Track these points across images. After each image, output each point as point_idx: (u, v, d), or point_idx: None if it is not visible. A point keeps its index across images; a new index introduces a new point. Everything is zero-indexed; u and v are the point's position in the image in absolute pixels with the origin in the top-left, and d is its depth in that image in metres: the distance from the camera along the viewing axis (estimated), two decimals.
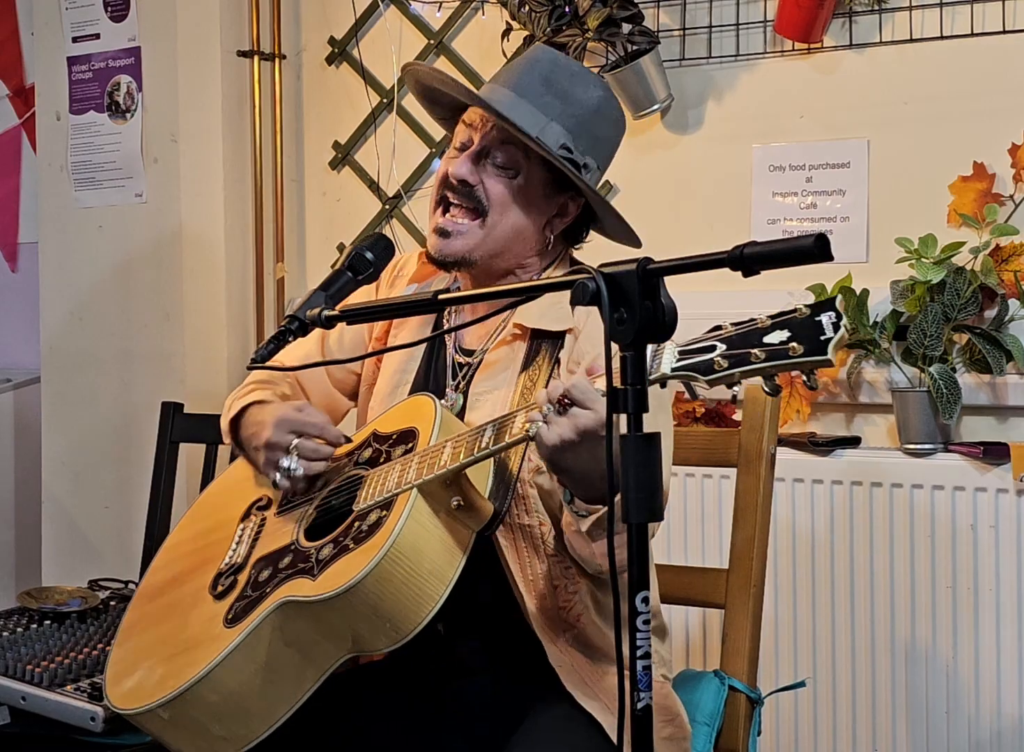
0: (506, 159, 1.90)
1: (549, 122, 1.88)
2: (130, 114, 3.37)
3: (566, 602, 1.83)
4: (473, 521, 1.74)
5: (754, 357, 1.40)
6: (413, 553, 1.67)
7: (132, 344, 3.36)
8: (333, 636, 1.71)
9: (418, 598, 1.67)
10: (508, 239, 1.92)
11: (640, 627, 1.33)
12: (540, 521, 1.83)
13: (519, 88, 1.90)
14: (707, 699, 2.01)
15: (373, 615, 1.67)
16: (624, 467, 1.33)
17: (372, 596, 1.66)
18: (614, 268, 1.38)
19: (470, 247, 1.91)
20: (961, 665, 2.59)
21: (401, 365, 2.01)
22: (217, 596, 1.86)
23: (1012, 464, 2.53)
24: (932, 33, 2.70)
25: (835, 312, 1.36)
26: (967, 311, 2.58)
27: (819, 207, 2.84)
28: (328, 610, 1.68)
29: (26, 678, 2.03)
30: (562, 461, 1.63)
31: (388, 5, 3.32)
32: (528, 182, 1.91)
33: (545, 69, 1.91)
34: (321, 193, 3.47)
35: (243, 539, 1.95)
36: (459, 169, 1.91)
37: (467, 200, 1.91)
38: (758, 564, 2.07)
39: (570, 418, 1.59)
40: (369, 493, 1.80)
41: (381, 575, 1.65)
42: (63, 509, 3.47)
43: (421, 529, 1.69)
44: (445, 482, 1.73)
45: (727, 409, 2.81)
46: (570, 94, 1.90)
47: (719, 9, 2.91)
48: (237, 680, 1.73)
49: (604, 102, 1.94)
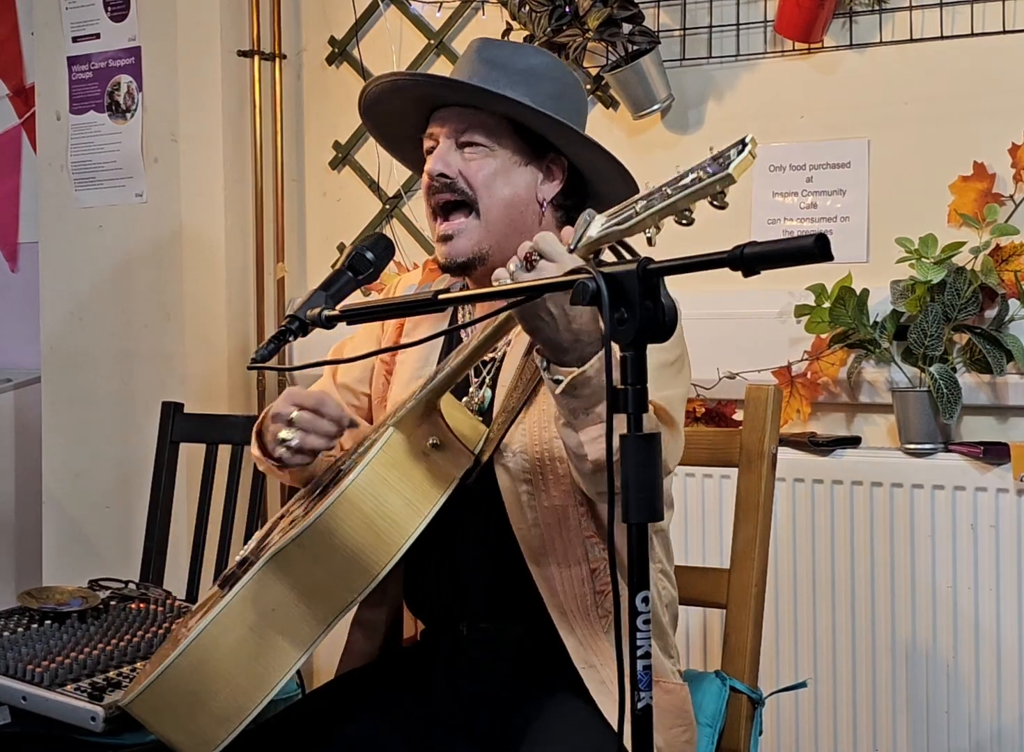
0: (472, 135, 1.89)
1: (502, 90, 1.87)
2: (130, 114, 3.37)
3: (604, 585, 1.83)
4: (452, 464, 1.74)
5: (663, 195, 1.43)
6: (382, 485, 1.67)
7: (132, 344, 3.36)
8: (317, 590, 1.68)
9: (389, 530, 1.66)
10: (506, 217, 1.91)
11: (640, 627, 1.33)
12: (578, 501, 1.82)
13: (465, 75, 1.91)
14: (709, 700, 2.01)
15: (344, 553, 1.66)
16: (624, 467, 1.33)
17: (341, 527, 1.65)
18: (614, 268, 1.38)
19: (476, 241, 1.90)
20: (961, 665, 2.59)
21: (415, 372, 2.00)
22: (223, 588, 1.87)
23: (1012, 464, 2.53)
24: (932, 33, 2.70)
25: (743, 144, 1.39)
26: (967, 311, 2.58)
27: (819, 207, 2.84)
28: (303, 555, 1.67)
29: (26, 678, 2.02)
30: (532, 318, 1.61)
31: (388, 5, 3.33)
32: (504, 155, 1.90)
33: (484, 52, 1.93)
34: (321, 193, 3.48)
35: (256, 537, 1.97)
36: (434, 165, 1.90)
37: (452, 193, 1.90)
38: (759, 564, 2.07)
39: (537, 272, 1.58)
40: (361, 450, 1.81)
41: (348, 504, 1.65)
42: (63, 509, 3.47)
43: (392, 462, 1.69)
44: (419, 420, 1.73)
45: (728, 409, 2.81)
46: (513, 65, 1.90)
47: (719, 9, 2.91)
48: (224, 647, 1.71)
49: (550, 65, 1.94)
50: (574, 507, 1.82)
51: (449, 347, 2.00)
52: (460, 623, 1.91)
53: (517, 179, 1.91)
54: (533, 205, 1.93)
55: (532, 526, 1.82)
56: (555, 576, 1.81)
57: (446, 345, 2.01)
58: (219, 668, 1.71)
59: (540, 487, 1.82)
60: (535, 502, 1.82)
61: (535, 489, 1.82)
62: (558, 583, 1.82)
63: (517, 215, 1.92)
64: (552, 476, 1.81)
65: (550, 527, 1.82)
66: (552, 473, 1.81)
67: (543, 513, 1.82)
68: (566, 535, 1.82)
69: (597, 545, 1.82)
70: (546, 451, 1.82)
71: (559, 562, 1.81)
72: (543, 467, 1.82)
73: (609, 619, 1.83)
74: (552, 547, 1.82)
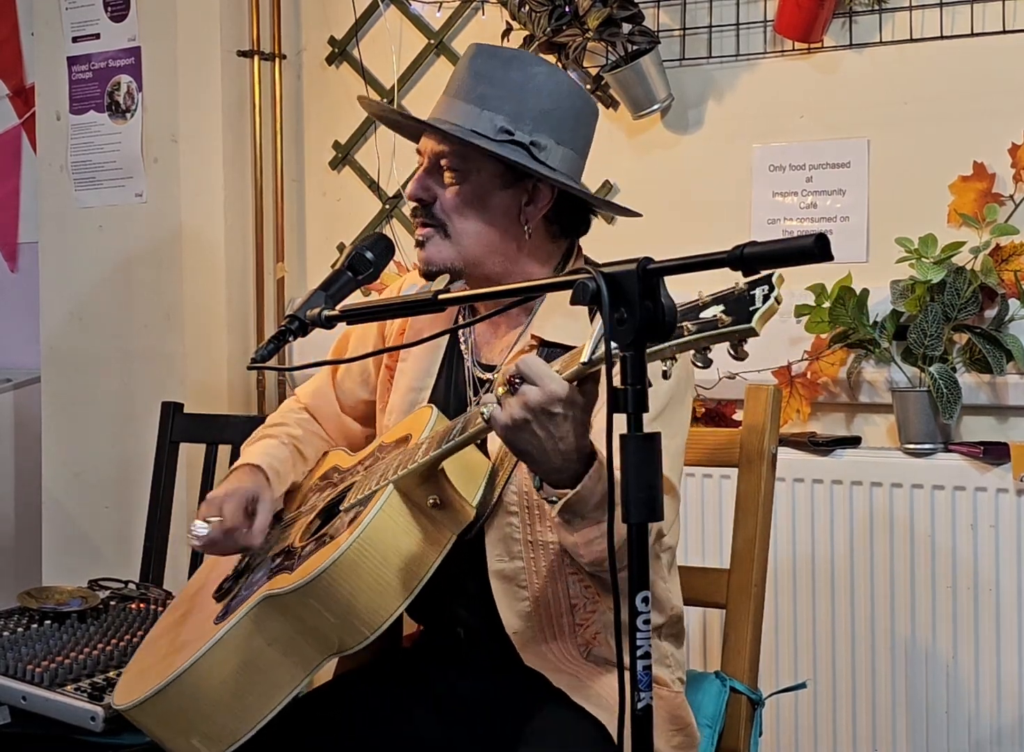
0: (450, 163, 1.88)
1: (482, 112, 1.85)
2: (130, 114, 3.37)
3: (584, 620, 1.83)
4: (451, 522, 1.74)
5: (685, 331, 1.40)
6: (382, 546, 1.68)
7: (132, 344, 3.36)
8: (311, 635, 1.71)
9: (386, 591, 1.68)
10: (478, 242, 1.89)
11: (640, 627, 1.33)
12: None
13: (456, 91, 1.90)
14: (708, 701, 2.01)
15: (339, 608, 1.68)
16: (624, 467, 1.33)
17: (340, 586, 1.67)
18: (614, 268, 1.37)
19: (445, 257, 1.89)
20: (961, 665, 2.59)
21: (415, 383, 1.99)
22: (218, 598, 1.89)
23: (1012, 464, 2.53)
24: (932, 33, 2.70)
25: (769, 285, 1.36)
26: (967, 311, 2.58)
27: (819, 207, 2.84)
28: (301, 604, 1.69)
29: (26, 678, 2.03)
30: (518, 442, 1.59)
31: (388, 5, 3.32)
32: (480, 180, 1.87)
33: (477, 63, 1.89)
34: (321, 193, 3.47)
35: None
36: (412, 190, 1.91)
37: (428, 218, 1.90)
38: (759, 564, 2.07)
39: (519, 396, 1.56)
40: (356, 493, 1.82)
41: (347, 565, 1.66)
42: (63, 509, 3.47)
43: (392, 523, 1.70)
44: (420, 479, 1.73)
45: (727, 409, 2.81)
46: (504, 79, 1.87)
47: (719, 9, 2.91)
48: (219, 676, 1.74)
49: (546, 77, 1.89)
50: (559, 544, 1.80)
51: (451, 359, 1.99)
52: (456, 627, 1.92)
53: (494, 204, 1.88)
54: (514, 227, 1.89)
55: (513, 558, 1.81)
56: (532, 609, 1.81)
57: (447, 355, 1.99)
58: (212, 694, 1.75)
59: (526, 521, 1.81)
60: (519, 535, 1.81)
61: (521, 523, 1.81)
62: (534, 619, 1.81)
63: (494, 239, 1.89)
64: (539, 511, 1.81)
65: (532, 560, 1.81)
66: (539, 508, 1.81)
67: (525, 547, 1.81)
68: (548, 570, 1.81)
69: (580, 582, 1.82)
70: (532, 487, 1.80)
71: (536, 596, 1.81)
72: (530, 502, 1.81)
73: (588, 648, 1.83)
74: (531, 580, 1.81)
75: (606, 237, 2.05)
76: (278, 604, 1.71)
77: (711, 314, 1.39)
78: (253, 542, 1.91)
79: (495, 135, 1.84)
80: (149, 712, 1.78)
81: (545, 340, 1.88)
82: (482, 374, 1.94)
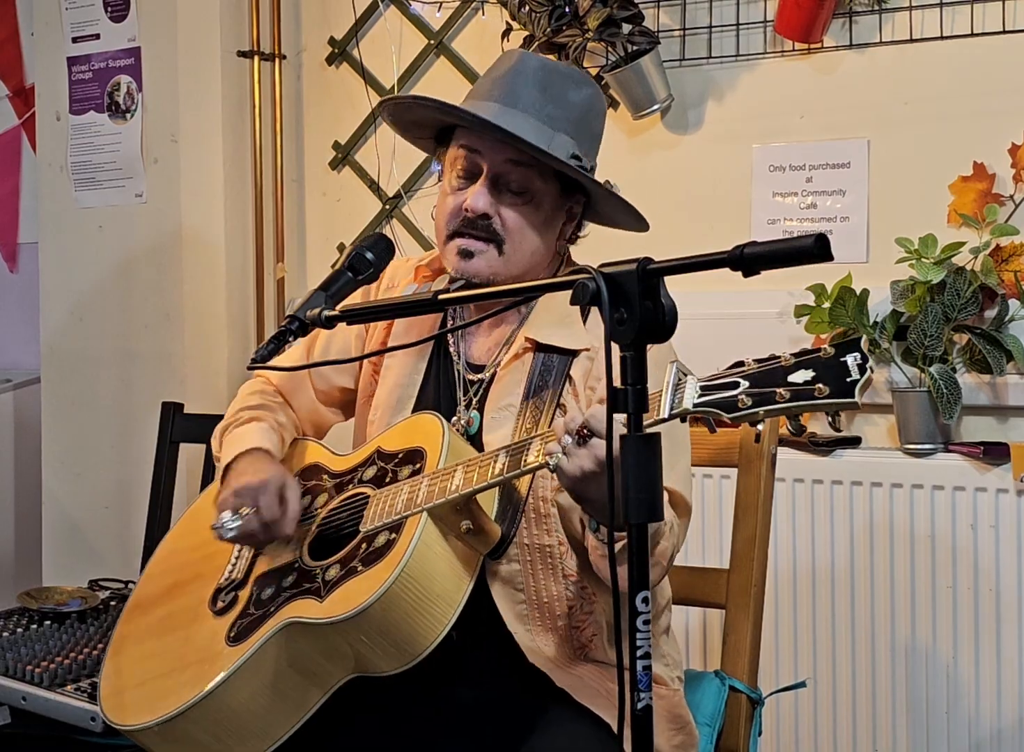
0: (520, 182, 1.85)
1: (555, 134, 1.84)
2: (130, 114, 3.37)
3: (580, 622, 1.83)
4: (482, 544, 1.74)
5: (779, 396, 1.39)
6: (423, 577, 1.67)
7: (132, 344, 3.36)
8: (337, 657, 1.71)
9: (427, 622, 1.68)
10: (527, 262, 1.90)
11: (640, 627, 1.33)
12: (559, 540, 1.81)
13: (517, 102, 1.84)
14: (708, 700, 2.01)
15: (381, 638, 1.67)
16: (624, 468, 1.33)
17: (381, 620, 1.66)
18: (614, 268, 1.38)
19: (492, 272, 1.87)
20: (961, 665, 2.59)
21: (403, 379, 1.97)
22: (217, 612, 1.85)
23: (1012, 464, 2.53)
24: (932, 33, 2.70)
25: (860, 353, 1.37)
26: (967, 311, 2.58)
27: (819, 207, 2.84)
28: (335, 633, 1.68)
29: (26, 678, 2.03)
30: (585, 491, 1.61)
31: (388, 5, 3.32)
32: (541, 202, 1.87)
33: (538, 77, 1.86)
34: (321, 193, 3.47)
35: (242, 554, 1.94)
36: (477, 202, 1.85)
37: (483, 232, 1.86)
38: (759, 564, 2.07)
39: (589, 449, 1.58)
40: (376, 513, 1.78)
41: (391, 599, 1.65)
42: (63, 509, 3.47)
43: (431, 553, 1.69)
44: (456, 507, 1.72)
45: None
46: (566, 98, 1.86)
47: (719, 9, 2.91)
48: (239, 699, 1.73)
49: (595, 98, 1.92)
50: (556, 547, 1.81)
51: (439, 357, 1.97)
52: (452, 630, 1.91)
53: (547, 226, 1.90)
54: (555, 243, 1.93)
55: (511, 561, 1.81)
56: (528, 612, 1.81)
57: (435, 351, 1.98)
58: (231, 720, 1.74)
59: (523, 525, 1.81)
60: (517, 539, 1.81)
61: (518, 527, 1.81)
62: (530, 619, 1.81)
63: (543, 256, 1.92)
64: (535, 515, 1.81)
65: (528, 563, 1.81)
66: (535, 512, 1.81)
67: (523, 550, 1.81)
68: (544, 573, 1.81)
69: (576, 585, 1.82)
70: (529, 490, 1.81)
71: (532, 598, 1.81)
72: (526, 505, 1.81)
73: (584, 650, 1.83)
74: (528, 583, 1.81)
75: (606, 237, 2.05)
76: (308, 631, 1.70)
77: (802, 380, 1.39)
78: (288, 531, 1.87)
79: (567, 160, 1.84)
80: (159, 736, 1.76)
81: (540, 343, 1.88)
82: (472, 375, 1.93)
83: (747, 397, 1.43)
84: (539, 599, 1.81)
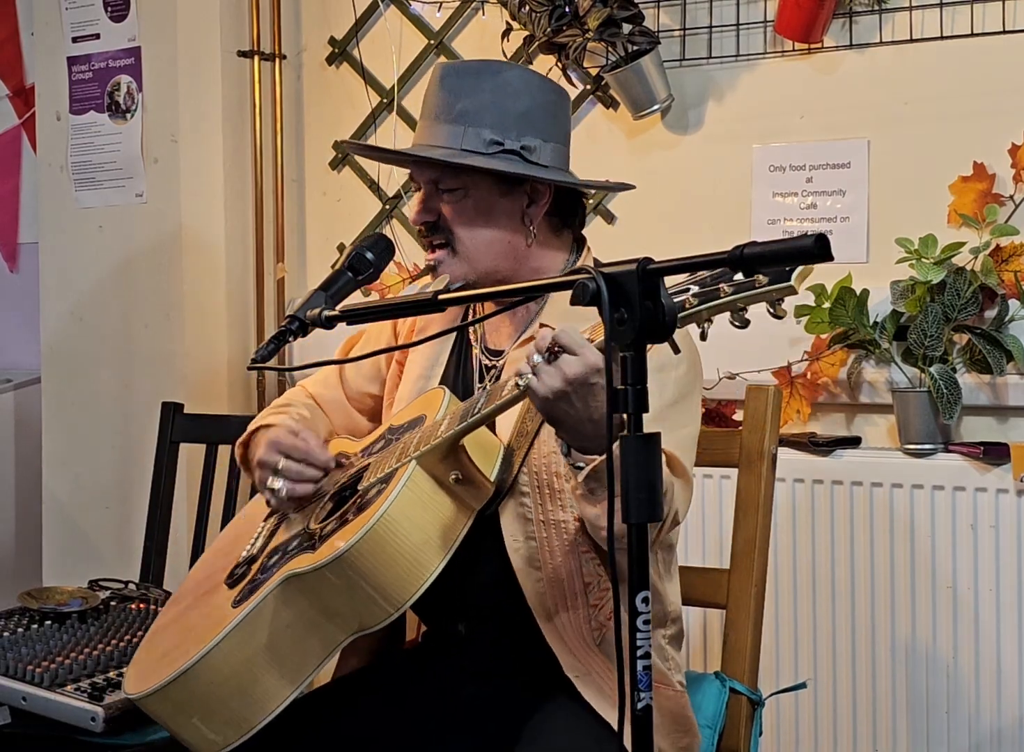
0: (450, 186, 1.90)
1: (467, 129, 1.88)
2: (130, 114, 3.37)
3: (597, 600, 1.83)
4: (473, 497, 1.76)
5: (722, 292, 1.41)
6: (407, 522, 1.69)
7: (132, 344, 3.36)
8: (333, 614, 1.72)
9: (411, 568, 1.69)
10: (488, 253, 1.92)
11: (640, 627, 1.34)
12: (574, 516, 1.82)
13: (435, 114, 1.92)
14: (708, 702, 2.01)
15: (367, 584, 1.68)
16: (624, 467, 1.33)
17: (365, 563, 1.67)
18: (614, 268, 1.38)
19: (458, 275, 1.91)
20: (961, 665, 2.59)
21: (425, 371, 2.01)
22: (230, 584, 1.89)
23: (1012, 464, 2.53)
24: (932, 33, 2.70)
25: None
26: (967, 311, 2.58)
27: (819, 207, 2.84)
28: (324, 582, 1.70)
29: (27, 678, 2.03)
30: (555, 411, 1.62)
31: (388, 5, 3.32)
32: (479, 194, 1.90)
33: (450, 81, 1.93)
34: (321, 193, 3.47)
35: (261, 534, 1.98)
36: (416, 216, 1.94)
37: (437, 235, 1.92)
38: (759, 564, 2.07)
39: (558, 367, 1.59)
40: (374, 472, 1.82)
41: (374, 541, 1.67)
42: (63, 509, 3.47)
43: (416, 499, 1.71)
44: (442, 455, 1.74)
45: (728, 409, 2.81)
46: (479, 91, 1.90)
47: (719, 9, 2.91)
48: (239, 659, 1.74)
49: (517, 79, 1.92)
50: (571, 522, 1.82)
51: (460, 347, 2.00)
52: (459, 623, 1.92)
53: (498, 213, 1.91)
54: (520, 230, 1.93)
55: (528, 538, 1.82)
56: (547, 590, 1.81)
57: (456, 342, 2.01)
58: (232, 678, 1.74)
59: (538, 501, 1.82)
60: (532, 515, 1.82)
61: (533, 502, 1.82)
62: (549, 597, 1.82)
63: (504, 246, 1.93)
64: (549, 490, 1.82)
65: (545, 540, 1.82)
66: (549, 488, 1.82)
67: (539, 527, 1.82)
68: (561, 549, 1.82)
69: (593, 560, 1.82)
70: (544, 466, 1.82)
71: (550, 576, 1.81)
72: (541, 482, 1.82)
73: (601, 632, 1.83)
74: (545, 560, 1.82)
75: (606, 237, 2.06)
76: (301, 583, 1.71)
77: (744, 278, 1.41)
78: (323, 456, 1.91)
79: (486, 149, 1.87)
80: (165, 699, 1.77)
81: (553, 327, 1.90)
82: (489, 360, 1.97)
83: (694, 298, 1.45)
84: (557, 576, 1.81)
